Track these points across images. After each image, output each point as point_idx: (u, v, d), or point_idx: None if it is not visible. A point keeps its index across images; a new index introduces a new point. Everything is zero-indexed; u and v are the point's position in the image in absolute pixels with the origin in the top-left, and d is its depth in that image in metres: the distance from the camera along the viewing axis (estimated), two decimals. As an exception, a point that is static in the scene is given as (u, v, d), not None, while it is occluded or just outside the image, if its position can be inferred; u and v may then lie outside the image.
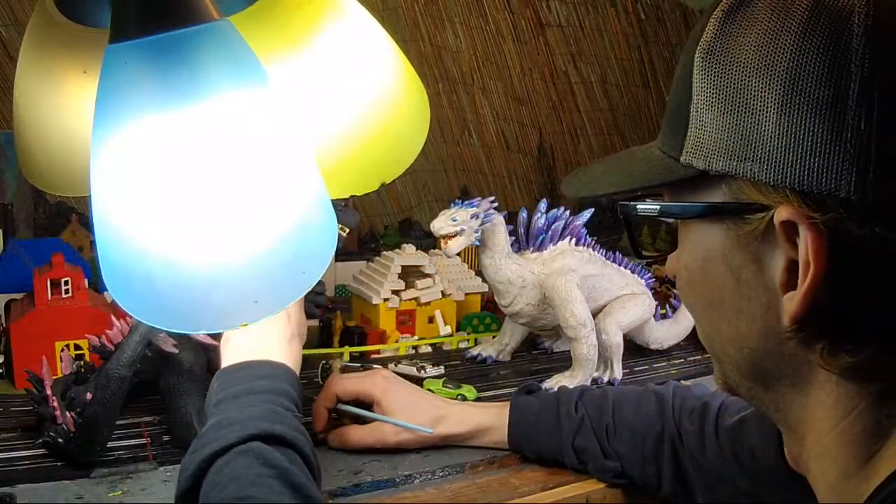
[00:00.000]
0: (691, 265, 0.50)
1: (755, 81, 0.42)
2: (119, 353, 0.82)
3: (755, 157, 0.42)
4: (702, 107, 0.45)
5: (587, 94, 2.47)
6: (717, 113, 0.44)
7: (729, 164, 0.43)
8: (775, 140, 0.41)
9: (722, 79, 0.43)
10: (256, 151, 0.41)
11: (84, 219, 1.58)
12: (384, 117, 0.57)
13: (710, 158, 0.44)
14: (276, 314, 0.74)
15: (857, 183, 0.39)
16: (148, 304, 0.42)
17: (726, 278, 0.47)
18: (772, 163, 0.41)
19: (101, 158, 0.40)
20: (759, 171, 0.42)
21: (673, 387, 0.84)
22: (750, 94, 0.42)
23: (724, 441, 0.74)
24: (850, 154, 0.39)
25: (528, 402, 0.90)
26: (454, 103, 2.25)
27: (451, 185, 2.25)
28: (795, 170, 0.40)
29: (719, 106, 0.44)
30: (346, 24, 0.54)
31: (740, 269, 0.46)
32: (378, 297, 1.28)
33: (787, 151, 0.41)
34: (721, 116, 0.44)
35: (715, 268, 0.48)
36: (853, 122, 0.39)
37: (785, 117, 0.40)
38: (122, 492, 0.77)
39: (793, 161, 0.40)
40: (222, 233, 0.40)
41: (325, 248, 0.44)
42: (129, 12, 0.39)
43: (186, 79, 0.39)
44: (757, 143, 0.42)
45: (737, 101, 0.43)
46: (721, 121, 0.44)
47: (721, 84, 0.44)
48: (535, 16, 2.35)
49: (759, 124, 0.42)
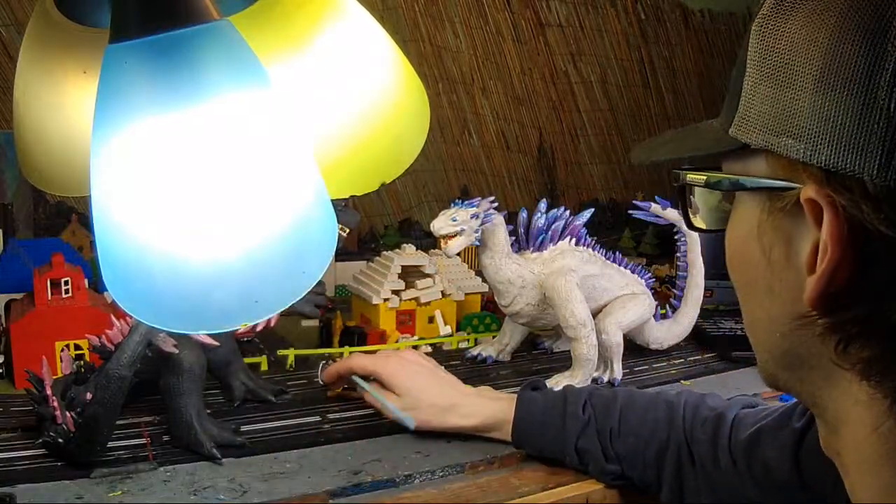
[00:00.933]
0: (733, 242, 0.50)
1: (798, 57, 0.42)
2: (119, 353, 0.82)
3: (790, 131, 0.42)
4: (752, 81, 0.45)
5: (587, 94, 2.47)
6: (763, 87, 0.44)
7: (767, 139, 0.43)
8: (809, 116, 0.41)
9: (770, 53, 0.44)
10: (257, 151, 0.41)
11: (84, 219, 1.58)
12: (384, 117, 0.56)
13: (751, 132, 0.45)
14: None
15: (881, 167, 0.38)
16: (148, 305, 0.42)
17: (760, 257, 0.47)
18: (804, 138, 0.41)
19: (102, 158, 0.40)
20: (793, 147, 0.42)
21: (685, 396, 0.84)
22: (792, 69, 0.42)
23: (738, 453, 0.74)
24: (877, 136, 0.38)
25: (534, 399, 0.90)
26: (454, 103, 2.25)
27: (451, 185, 2.25)
28: (824, 147, 0.40)
29: (766, 80, 0.44)
30: (346, 25, 0.54)
31: (772, 247, 0.46)
32: (378, 297, 1.28)
33: (818, 128, 0.40)
34: (766, 91, 0.44)
35: (751, 245, 0.47)
36: (884, 102, 0.38)
37: (819, 93, 0.40)
38: (122, 492, 0.77)
39: (823, 138, 0.40)
40: (222, 233, 0.40)
41: (326, 248, 0.44)
42: (129, 12, 0.39)
43: (187, 79, 0.39)
44: (793, 118, 0.42)
45: (780, 76, 0.43)
46: (766, 95, 0.44)
47: (769, 58, 0.44)
48: (535, 16, 2.35)
49: (797, 99, 0.42)
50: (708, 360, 1.32)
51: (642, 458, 0.80)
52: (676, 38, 2.56)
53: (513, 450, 0.92)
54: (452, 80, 2.24)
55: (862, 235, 0.40)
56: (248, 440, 0.90)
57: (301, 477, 0.83)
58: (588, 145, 2.50)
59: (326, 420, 0.99)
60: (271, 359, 1.19)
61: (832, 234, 0.40)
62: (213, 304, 0.41)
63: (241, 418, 0.97)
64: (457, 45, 2.24)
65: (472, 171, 2.30)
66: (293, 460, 0.87)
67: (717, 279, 1.56)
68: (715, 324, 1.48)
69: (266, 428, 0.95)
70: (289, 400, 1.05)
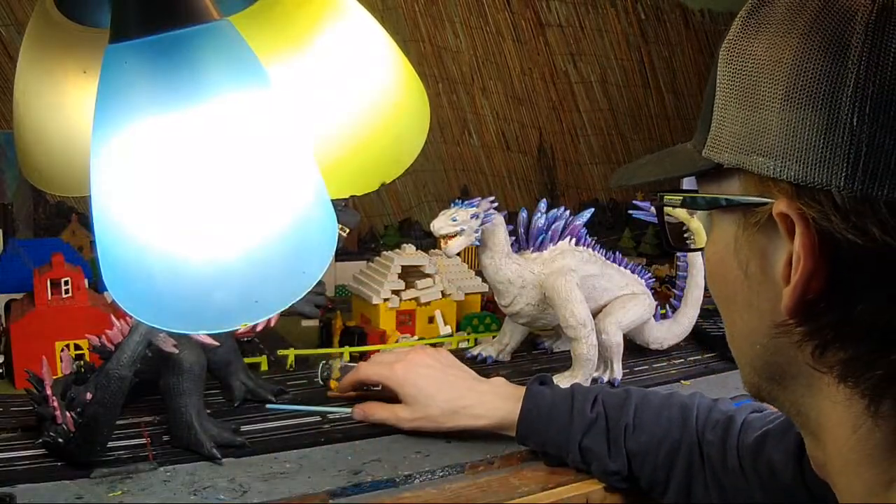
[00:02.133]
0: (711, 258, 0.52)
1: (764, 77, 0.43)
2: (119, 353, 0.82)
3: (761, 150, 0.43)
4: (721, 102, 0.47)
5: (587, 94, 2.47)
6: (733, 108, 0.46)
7: (738, 158, 0.45)
8: (778, 133, 0.42)
9: (738, 75, 0.45)
10: (257, 151, 0.41)
11: (84, 219, 1.58)
12: (384, 117, 0.56)
13: (723, 152, 0.46)
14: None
15: (847, 178, 0.40)
16: (148, 304, 0.42)
17: (737, 272, 0.48)
18: (774, 156, 0.43)
19: (102, 158, 0.40)
20: (764, 164, 0.43)
21: (698, 398, 0.84)
22: (759, 89, 0.44)
23: (745, 455, 0.74)
24: (842, 149, 0.40)
25: (542, 394, 0.90)
26: (454, 103, 2.25)
27: (451, 185, 2.25)
28: (793, 163, 0.42)
29: (735, 101, 0.45)
30: (346, 24, 0.54)
31: (748, 262, 0.47)
32: (378, 297, 1.28)
33: (787, 144, 0.42)
34: (736, 111, 0.45)
35: (729, 261, 0.49)
36: (847, 118, 0.40)
37: (787, 111, 0.42)
38: (122, 492, 0.77)
39: (791, 154, 0.42)
40: (222, 233, 0.40)
41: (326, 248, 0.44)
42: (129, 12, 0.39)
43: (187, 79, 0.39)
44: (763, 136, 0.43)
45: (749, 97, 0.44)
46: (735, 115, 0.45)
47: (737, 80, 0.45)
48: (535, 16, 2.35)
49: (765, 118, 0.43)
50: (708, 360, 1.32)
51: (654, 456, 0.80)
52: (676, 38, 2.56)
53: (513, 450, 0.92)
54: (452, 80, 2.24)
55: (832, 245, 0.41)
56: (248, 440, 0.90)
57: (301, 477, 0.83)
58: (588, 145, 2.50)
59: (326, 420, 0.99)
60: (271, 359, 1.19)
61: (804, 245, 0.42)
62: (213, 304, 0.41)
63: (241, 418, 0.97)
64: (457, 45, 2.24)
65: (472, 171, 2.30)
66: (293, 460, 0.87)
67: (717, 279, 1.56)
68: (715, 324, 1.48)
69: (266, 428, 0.95)
70: (289, 400, 1.05)
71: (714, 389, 1.19)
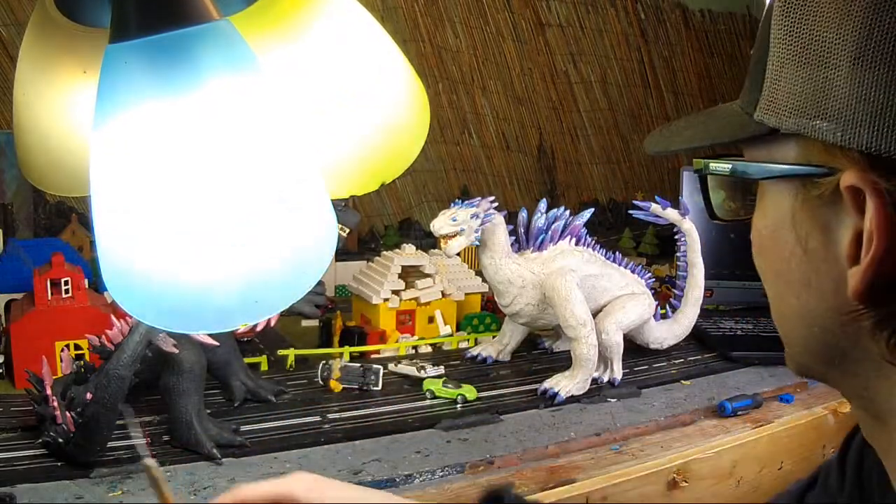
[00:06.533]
0: (762, 231, 0.47)
1: (830, 32, 0.39)
2: (119, 353, 0.82)
3: (825, 114, 0.39)
4: (777, 60, 0.42)
5: (587, 94, 2.47)
6: (791, 67, 0.41)
7: (799, 122, 0.40)
8: (846, 96, 0.38)
9: (798, 29, 0.40)
10: (257, 151, 0.41)
11: (84, 219, 1.58)
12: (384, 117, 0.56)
13: (781, 115, 0.41)
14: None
15: None
16: (148, 304, 0.42)
17: (794, 247, 0.44)
18: (841, 121, 0.38)
19: (101, 158, 0.40)
20: (829, 131, 0.39)
21: None
22: (824, 45, 0.39)
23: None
24: None
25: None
26: (454, 103, 2.25)
27: (451, 185, 2.25)
28: (864, 130, 0.37)
29: (794, 59, 0.41)
30: (346, 25, 0.54)
31: (808, 237, 0.43)
32: (378, 297, 1.28)
33: (856, 109, 0.37)
34: (795, 70, 0.40)
35: (784, 235, 0.44)
36: None
37: (857, 71, 0.37)
38: (122, 492, 0.77)
39: (862, 120, 0.37)
40: (222, 232, 0.40)
41: (326, 248, 0.44)
42: (129, 12, 0.39)
43: (186, 78, 0.39)
44: (828, 99, 0.39)
45: (811, 54, 0.40)
46: (794, 75, 0.41)
47: (796, 35, 0.40)
48: (535, 16, 2.35)
49: (831, 79, 0.38)
50: (708, 360, 1.32)
51: None
52: (676, 38, 2.56)
53: (513, 450, 0.92)
54: (452, 80, 2.24)
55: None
56: (248, 440, 0.90)
57: (301, 477, 0.83)
58: (588, 145, 2.50)
59: (326, 420, 0.99)
60: (271, 359, 1.19)
61: (878, 222, 0.37)
62: (213, 304, 0.41)
63: (241, 418, 0.97)
64: (457, 45, 2.24)
65: (472, 171, 2.30)
66: (293, 460, 0.87)
67: (717, 279, 1.56)
68: (715, 324, 1.48)
69: (266, 428, 0.95)
70: (289, 400, 1.05)
71: (714, 389, 1.19)
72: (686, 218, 1.29)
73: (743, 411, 1.10)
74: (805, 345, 0.46)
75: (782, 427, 1.07)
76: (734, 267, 1.60)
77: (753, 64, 0.44)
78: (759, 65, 0.43)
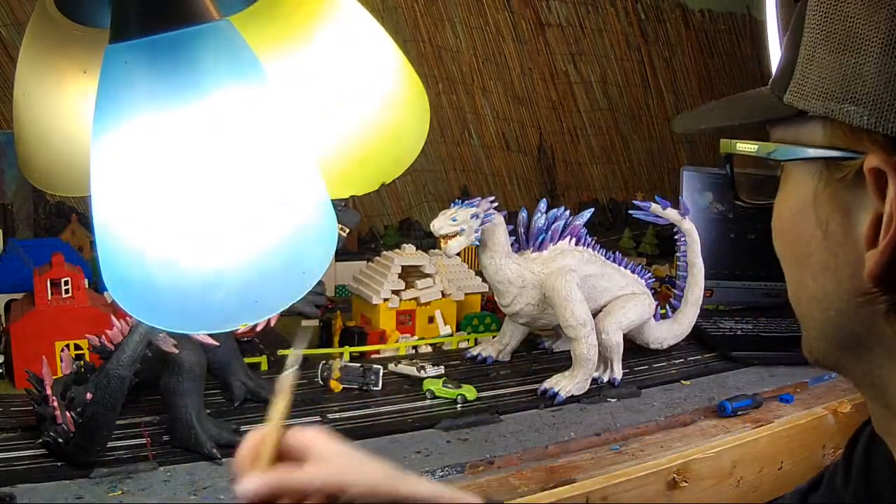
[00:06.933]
0: (783, 213, 0.48)
1: (862, 18, 0.40)
2: (119, 353, 0.82)
3: (853, 98, 0.40)
4: (810, 45, 0.43)
5: (587, 94, 2.48)
6: (822, 51, 0.42)
7: (826, 105, 0.41)
8: (874, 81, 0.39)
9: (831, 15, 0.41)
10: (257, 151, 0.41)
11: (84, 219, 1.58)
12: (384, 117, 0.56)
13: (809, 98, 0.42)
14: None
15: None
16: (148, 304, 0.42)
17: (815, 230, 0.44)
18: (868, 105, 0.39)
19: (101, 158, 0.40)
20: (855, 114, 0.39)
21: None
22: (855, 31, 0.40)
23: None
24: None
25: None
26: (454, 103, 2.25)
27: (451, 185, 2.25)
28: (891, 113, 0.38)
29: (825, 44, 0.41)
30: (346, 25, 0.54)
31: (828, 220, 0.43)
32: (378, 297, 1.28)
33: (884, 93, 0.38)
34: (826, 55, 0.41)
35: (805, 218, 0.45)
36: None
37: (886, 57, 0.38)
38: (122, 492, 0.77)
39: (890, 104, 0.38)
40: (222, 232, 0.40)
41: (325, 248, 0.44)
42: (129, 12, 0.39)
43: (186, 78, 0.39)
44: (856, 83, 0.40)
45: (842, 39, 0.40)
46: (825, 60, 0.41)
47: (829, 21, 0.41)
48: (535, 16, 2.35)
49: (861, 64, 0.39)
50: (708, 360, 1.32)
51: None
52: (676, 38, 2.56)
53: (513, 450, 0.92)
54: (452, 80, 2.24)
55: None
56: (248, 440, 0.89)
57: (301, 477, 0.83)
58: (588, 145, 2.50)
59: (326, 420, 0.99)
60: (271, 359, 1.19)
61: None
62: (213, 304, 0.41)
63: (241, 418, 0.97)
64: (457, 45, 2.24)
65: (472, 171, 2.30)
66: (293, 460, 0.87)
67: (717, 279, 1.56)
68: (715, 324, 1.48)
69: (266, 428, 0.95)
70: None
71: (714, 389, 1.19)
72: (686, 218, 1.29)
73: (743, 411, 1.10)
74: (821, 328, 0.47)
75: (782, 427, 1.07)
76: (734, 267, 1.60)
77: (785, 48, 0.45)
78: (791, 49, 0.44)
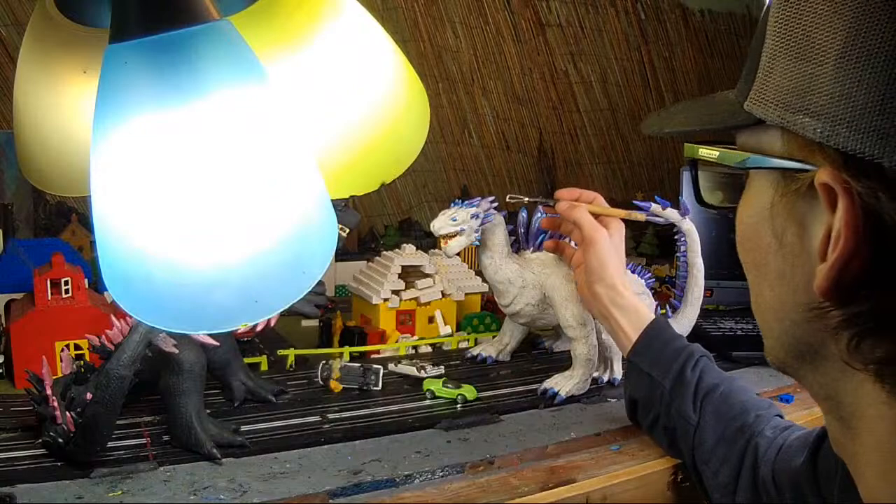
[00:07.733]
0: (745, 220, 0.47)
1: (821, 28, 0.38)
2: (119, 353, 0.82)
3: (807, 109, 0.39)
4: (770, 52, 0.42)
5: (587, 94, 2.48)
6: (782, 60, 0.41)
7: (783, 115, 0.40)
8: (829, 93, 0.38)
9: (791, 24, 0.40)
10: (257, 151, 0.41)
11: (84, 219, 1.58)
12: (384, 117, 0.56)
13: (768, 107, 0.41)
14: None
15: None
16: (148, 304, 0.42)
17: (772, 239, 0.44)
18: (822, 117, 0.38)
19: (101, 158, 0.40)
20: (810, 126, 0.38)
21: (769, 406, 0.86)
22: (813, 41, 0.39)
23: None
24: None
25: (664, 327, 0.97)
26: (454, 103, 2.25)
27: (451, 185, 2.25)
28: (843, 128, 0.37)
29: (785, 53, 0.41)
30: (346, 24, 0.54)
31: (784, 230, 0.43)
32: (378, 297, 1.28)
33: (837, 107, 0.37)
34: (785, 64, 0.41)
35: (762, 226, 0.45)
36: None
37: (842, 69, 0.37)
38: (122, 492, 0.77)
39: (842, 118, 0.37)
40: (222, 232, 0.40)
41: (326, 248, 0.44)
42: (130, 12, 0.39)
43: (187, 78, 0.39)
44: (812, 94, 0.39)
45: (801, 49, 0.39)
46: (784, 68, 0.41)
47: (790, 29, 0.40)
48: (535, 16, 2.35)
49: (817, 75, 0.38)
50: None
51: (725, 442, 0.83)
52: (676, 38, 2.56)
53: (513, 450, 0.92)
54: (452, 80, 2.24)
55: (878, 225, 0.37)
56: (248, 440, 0.90)
57: (301, 477, 0.83)
58: (588, 145, 2.50)
59: (326, 420, 0.99)
60: (271, 359, 1.19)
61: (846, 221, 0.37)
62: (213, 304, 0.41)
63: (241, 418, 0.97)
64: (457, 45, 2.24)
65: (472, 171, 2.30)
66: (293, 460, 0.87)
67: (717, 279, 1.56)
68: (715, 324, 1.48)
69: (266, 428, 0.95)
70: (289, 400, 1.05)
71: (714, 389, 1.19)
72: (686, 218, 1.29)
73: (743, 411, 1.10)
74: (778, 337, 0.47)
75: (782, 427, 1.07)
76: (734, 267, 1.58)
77: (750, 55, 0.45)
78: (754, 56, 0.44)
